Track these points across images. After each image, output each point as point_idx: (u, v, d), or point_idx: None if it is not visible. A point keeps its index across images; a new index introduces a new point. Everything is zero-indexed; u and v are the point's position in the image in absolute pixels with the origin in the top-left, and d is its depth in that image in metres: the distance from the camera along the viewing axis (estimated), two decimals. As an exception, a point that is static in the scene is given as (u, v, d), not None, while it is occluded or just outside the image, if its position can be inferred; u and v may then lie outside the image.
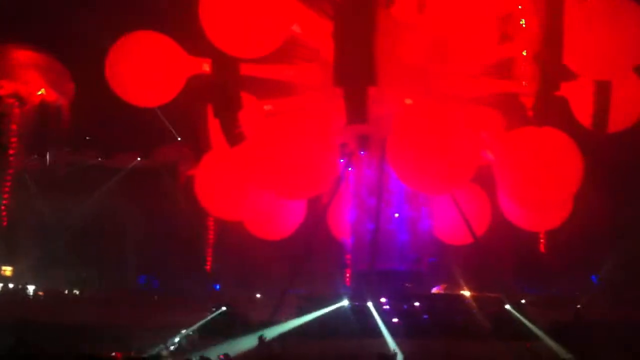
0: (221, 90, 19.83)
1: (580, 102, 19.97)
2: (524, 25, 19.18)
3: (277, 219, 21.81)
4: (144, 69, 19.55)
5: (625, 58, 18.55)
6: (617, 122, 19.56)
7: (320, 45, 20.66)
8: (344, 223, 22.33)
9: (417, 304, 20.47)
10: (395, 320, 19.58)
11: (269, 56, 19.40)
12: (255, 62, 20.02)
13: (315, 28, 20.59)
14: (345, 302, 20.08)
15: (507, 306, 20.36)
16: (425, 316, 20.21)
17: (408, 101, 20.31)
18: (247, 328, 19.25)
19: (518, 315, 20.06)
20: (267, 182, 19.74)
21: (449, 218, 21.38)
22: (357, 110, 18.54)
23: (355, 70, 18.00)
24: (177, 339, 19.25)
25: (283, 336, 18.65)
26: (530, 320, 19.60)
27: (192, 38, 19.28)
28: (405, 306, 20.37)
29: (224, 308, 20.93)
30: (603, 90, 19.19)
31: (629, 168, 22.33)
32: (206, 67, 19.89)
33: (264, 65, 20.47)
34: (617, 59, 18.49)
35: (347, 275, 22.67)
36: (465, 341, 18.01)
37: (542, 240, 22.75)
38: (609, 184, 21.82)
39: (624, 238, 23.15)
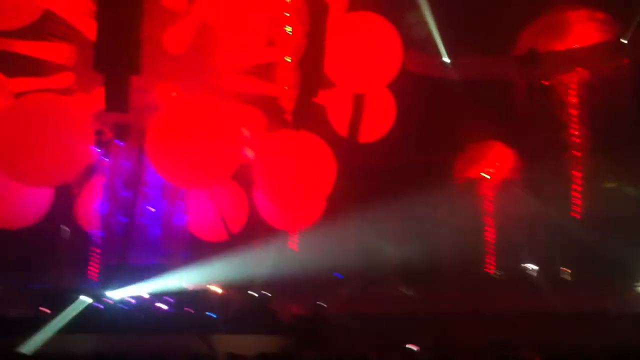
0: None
1: (337, 111, 21.20)
2: (289, 33, 19.80)
3: (19, 206, 20.09)
4: None
5: (380, 74, 19.95)
6: (369, 133, 20.96)
7: (81, 24, 19.47)
8: (95, 215, 21.34)
9: (169, 298, 20.23)
10: (148, 314, 19.14)
11: (23, 30, 18.02)
12: (5, 36, 18.50)
13: (76, 6, 19.36)
14: (91, 298, 19.23)
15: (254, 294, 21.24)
16: (178, 311, 19.98)
17: (173, 93, 19.92)
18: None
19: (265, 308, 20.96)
20: (7, 165, 18.15)
21: (206, 214, 21.38)
22: (118, 98, 17.61)
23: (118, 55, 17.09)
24: None
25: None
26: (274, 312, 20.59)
27: None
28: (157, 301, 19.99)
29: None
30: (358, 102, 20.42)
31: (378, 175, 24.13)
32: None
33: (15, 39, 18.96)
34: (372, 74, 19.80)
35: (96, 269, 21.81)
36: (221, 334, 18.14)
37: (295, 240, 23.90)
38: (360, 189, 23.45)
39: (369, 239, 25.05)
